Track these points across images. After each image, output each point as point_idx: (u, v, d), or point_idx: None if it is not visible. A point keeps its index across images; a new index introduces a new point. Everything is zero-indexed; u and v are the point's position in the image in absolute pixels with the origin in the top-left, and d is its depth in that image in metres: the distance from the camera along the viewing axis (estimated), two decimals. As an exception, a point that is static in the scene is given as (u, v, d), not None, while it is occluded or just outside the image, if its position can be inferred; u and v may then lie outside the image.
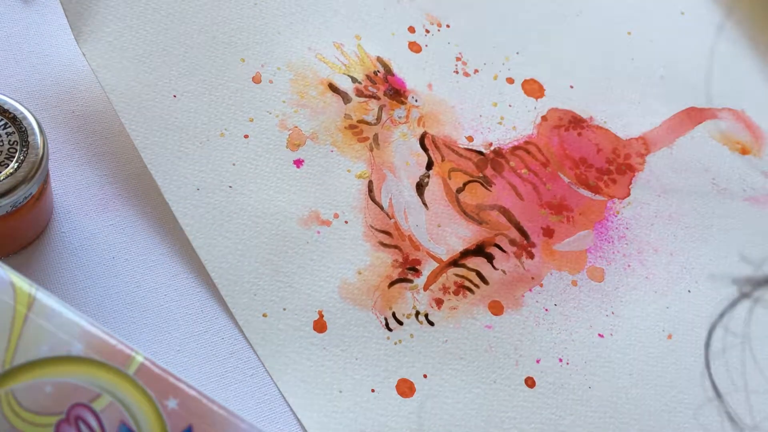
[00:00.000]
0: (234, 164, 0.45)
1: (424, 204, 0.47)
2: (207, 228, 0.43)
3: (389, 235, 0.45)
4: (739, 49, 0.56)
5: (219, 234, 0.43)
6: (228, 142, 0.45)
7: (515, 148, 0.49)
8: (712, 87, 0.54)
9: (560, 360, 0.44)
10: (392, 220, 0.46)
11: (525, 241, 0.47)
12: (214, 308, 0.43)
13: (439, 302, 0.44)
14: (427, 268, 0.45)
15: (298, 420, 0.41)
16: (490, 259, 0.46)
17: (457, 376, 0.43)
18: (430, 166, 0.48)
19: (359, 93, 0.48)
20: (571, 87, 0.52)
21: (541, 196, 0.48)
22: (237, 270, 0.43)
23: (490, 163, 0.49)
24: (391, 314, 0.44)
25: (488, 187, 0.48)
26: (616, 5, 0.55)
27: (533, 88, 0.51)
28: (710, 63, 0.49)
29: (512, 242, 0.47)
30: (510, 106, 0.50)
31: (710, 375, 0.45)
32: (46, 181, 0.40)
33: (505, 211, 0.47)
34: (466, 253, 0.46)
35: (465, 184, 0.48)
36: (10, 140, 0.39)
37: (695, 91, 0.47)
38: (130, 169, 0.45)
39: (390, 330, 0.43)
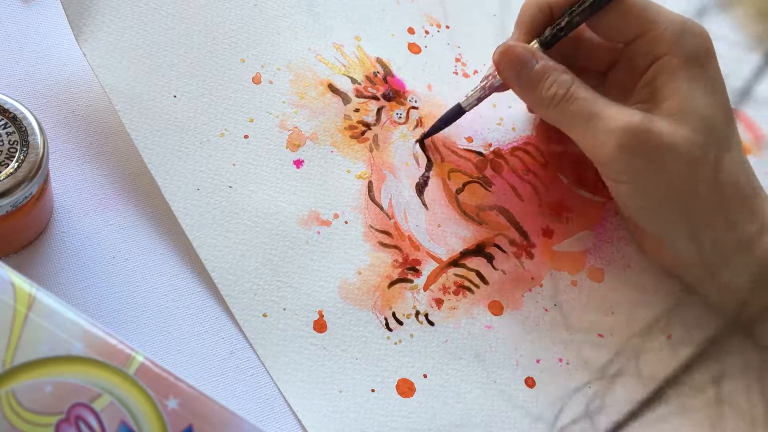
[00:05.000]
0: (234, 164, 0.45)
1: (424, 204, 0.47)
2: (207, 228, 0.43)
3: (389, 236, 0.45)
4: (739, 48, 0.56)
5: (219, 234, 0.43)
6: (228, 142, 0.45)
7: (514, 149, 0.49)
8: None
9: (560, 360, 0.44)
10: (392, 221, 0.46)
11: (525, 242, 0.47)
12: (214, 308, 0.43)
13: (439, 302, 0.44)
14: (427, 268, 0.45)
15: (298, 420, 0.41)
16: (489, 259, 0.46)
17: (457, 376, 0.43)
18: (429, 166, 0.48)
19: (359, 94, 0.48)
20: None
21: (540, 197, 0.48)
22: (237, 270, 0.43)
23: (489, 163, 0.49)
24: (391, 314, 0.44)
25: (488, 188, 0.48)
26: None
27: (533, 89, 0.51)
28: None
29: (512, 242, 0.47)
30: (509, 107, 0.50)
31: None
32: (46, 181, 0.40)
33: (504, 212, 0.47)
34: (465, 253, 0.46)
35: (464, 185, 0.48)
36: (10, 140, 0.39)
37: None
38: (130, 168, 0.45)
39: (390, 330, 0.43)
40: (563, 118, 0.43)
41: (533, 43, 0.45)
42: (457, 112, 0.47)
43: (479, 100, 0.47)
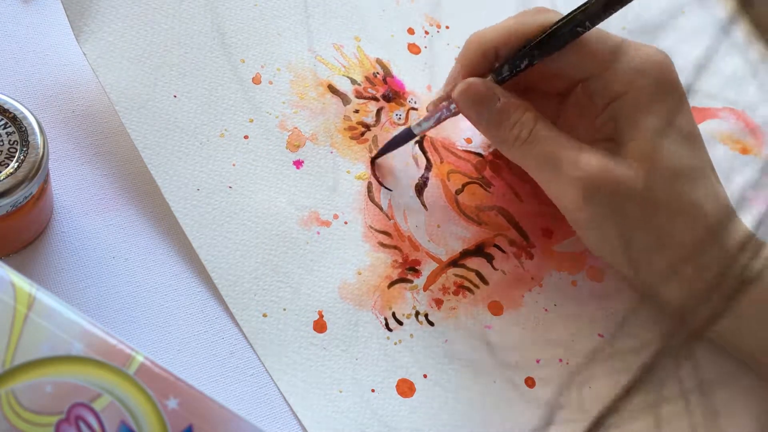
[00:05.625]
0: (234, 165, 0.45)
1: (424, 205, 0.47)
2: (207, 228, 0.43)
3: (389, 236, 0.45)
4: (739, 48, 0.56)
5: (219, 234, 0.43)
6: (228, 142, 0.45)
7: (514, 149, 0.49)
8: (713, 87, 0.54)
9: (560, 360, 0.44)
10: (392, 221, 0.46)
11: (524, 242, 0.47)
12: (214, 308, 0.43)
13: (438, 302, 0.44)
14: (427, 268, 0.45)
15: (298, 420, 0.41)
16: (489, 259, 0.46)
17: (457, 376, 0.43)
18: (429, 167, 0.48)
19: (358, 95, 0.48)
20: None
21: (540, 197, 0.48)
22: (237, 270, 0.43)
23: (488, 164, 0.49)
24: (391, 314, 0.44)
25: (487, 189, 0.48)
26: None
27: (532, 90, 0.51)
28: (710, 62, 0.49)
29: (512, 243, 0.47)
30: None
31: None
32: (46, 181, 0.40)
33: (504, 212, 0.47)
34: (465, 254, 0.46)
35: (464, 186, 0.48)
36: (10, 140, 0.39)
37: (696, 91, 0.47)
38: (130, 169, 0.45)
39: (390, 330, 0.43)
40: (526, 160, 0.43)
41: (488, 78, 0.43)
42: (407, 135, 0.46)
43: (431, 128, 0.46)
